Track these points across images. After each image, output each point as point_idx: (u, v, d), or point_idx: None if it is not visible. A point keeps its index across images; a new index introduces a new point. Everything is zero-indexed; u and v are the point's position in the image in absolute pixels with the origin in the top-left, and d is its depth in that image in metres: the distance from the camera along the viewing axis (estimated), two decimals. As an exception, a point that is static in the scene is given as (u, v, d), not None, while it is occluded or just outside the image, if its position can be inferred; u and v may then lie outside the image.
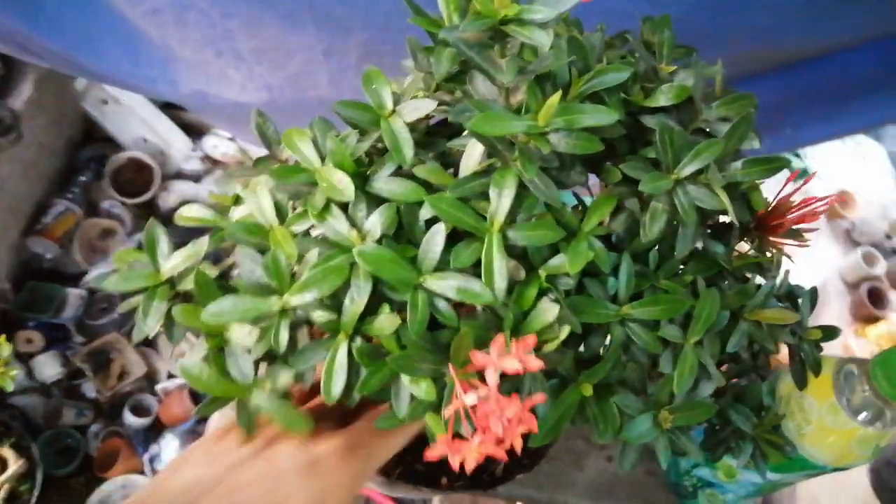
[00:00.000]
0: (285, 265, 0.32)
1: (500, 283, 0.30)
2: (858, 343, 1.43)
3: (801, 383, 0.45)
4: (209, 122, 1.65)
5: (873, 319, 1.47)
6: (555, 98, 0.29)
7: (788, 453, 0.44)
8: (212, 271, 0.34)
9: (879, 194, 1.79)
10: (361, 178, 0.33)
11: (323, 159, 0.34)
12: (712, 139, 0.32)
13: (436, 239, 0.31)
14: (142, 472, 1.37)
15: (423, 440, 0.52)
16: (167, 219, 1.73)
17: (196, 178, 1.64)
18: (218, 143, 1.63)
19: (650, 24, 0.42)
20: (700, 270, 0.38)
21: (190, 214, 0.37)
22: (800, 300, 0.45)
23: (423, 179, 0.33)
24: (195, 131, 1.66)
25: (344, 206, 0.32)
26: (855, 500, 1.44)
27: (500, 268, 0.31)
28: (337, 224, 0.32)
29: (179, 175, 1.63)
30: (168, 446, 1.37)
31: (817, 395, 0.46)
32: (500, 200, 0.31)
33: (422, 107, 0.33)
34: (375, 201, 0.33)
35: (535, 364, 0.29)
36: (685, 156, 0.32)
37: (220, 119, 1.30)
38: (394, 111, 0.34)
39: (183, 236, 0.34)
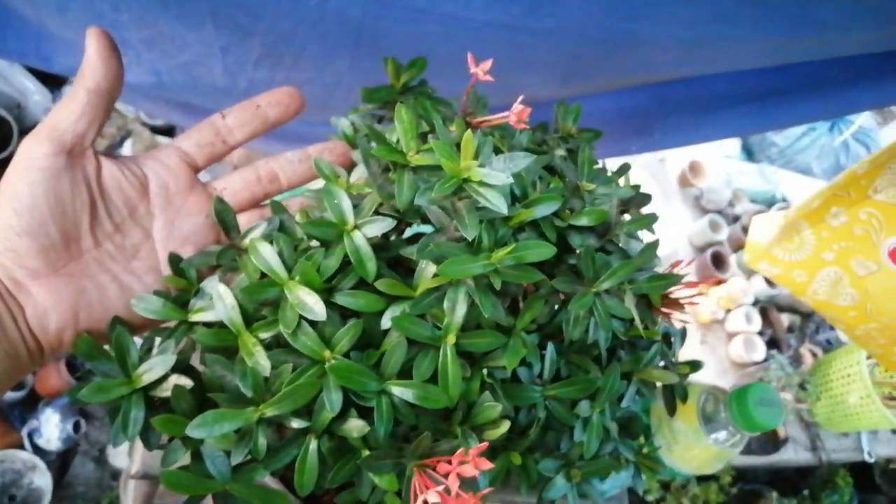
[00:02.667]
0: (260, 379, 0.35)
1: (455, 389, 0.36)
2: (703, 301, 1.64)
3: (672, 411, 0.55)
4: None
5: (716, 281, 1.68)
6: (507, 250, 0.34)
7: (660, 473, 0.54)
8: (186, 382, 0.36)
9: (726, 163, 2.00)
10: (326, 291, 0.37)
11: (289, 269, 0.37)
12: (626, 261, 0.38)
13: (397, 352, 0.36)
14: (22, 448, 1.32)
15: None
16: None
17: (59, 132, 1.52)
18: (83, 95, 1.51)
19: (563, 111, 0.48)
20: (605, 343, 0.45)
21: (148, 307, 0.39)
22: (672, 339, 0.55)
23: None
24: (54, 80, 1.52)
25: (313, 322, 0.36)
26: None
27: (455, 376, 0.36)
28: (308, 341, 0.35)
29: (40, 129, 1.49)
30: (48, 421, 1.32)
31: (684, 419, 0.56)
32: (454, 314, 0.36)
33: (381, 226, 0.37)
34: (339, 311, 0.37)
35: (487, 466, 0.35)
36: (603, 273, 0.38)
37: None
38: (355, 226, 0.37)
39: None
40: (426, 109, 0.44)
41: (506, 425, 0.38)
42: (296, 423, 0.35)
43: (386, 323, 0.37)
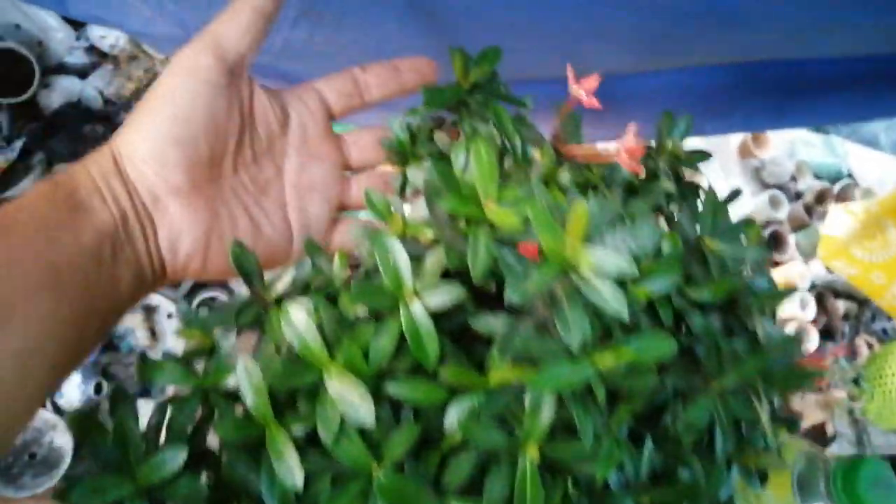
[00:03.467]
0: (291, 495, 0.28)
1: (535, 515, 0.28)
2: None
3: (764, 481, 0.47)
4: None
5: (773, 263, 1.58)
6: (613, 353, 0.25)
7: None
8: (201, 486, 0.29)
9: (791, 133, 1.86)
10: (376, 378, 0.29)
11: (329, 346, 0.29)
12: (757, 352, 0.30)
13: (463, 462, 0.28)
14: (42, 406, 1.30)
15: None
16: (50, 122, 1.51)
17: (82, 72, 1.43)
18: (106, 34, 1.42)
19: (668, 123, 0.38)
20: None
21: (161, 375, 0.31)
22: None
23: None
24: (72, 21, 1.43)
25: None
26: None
27: (535, 495, 0.28)
28: (353, 448, 0.28)
29: (62, 69, 1.41)
30: (69, 381, 1.29)
31: (776, 489, 0.48)
32: (538, 419, 0.28)
33: (449, 295, 0.29)
34: (388, 402, 0.29)
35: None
36: (728, 367, 0.30)
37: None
38: (415, 292, 0.29)
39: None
40: (504, 127, 0.35)
41: (593, 554, 0.30)
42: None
43: (450, 423, 0.29)
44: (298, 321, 0.29)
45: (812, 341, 1.51)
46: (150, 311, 1.37)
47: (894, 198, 0.93)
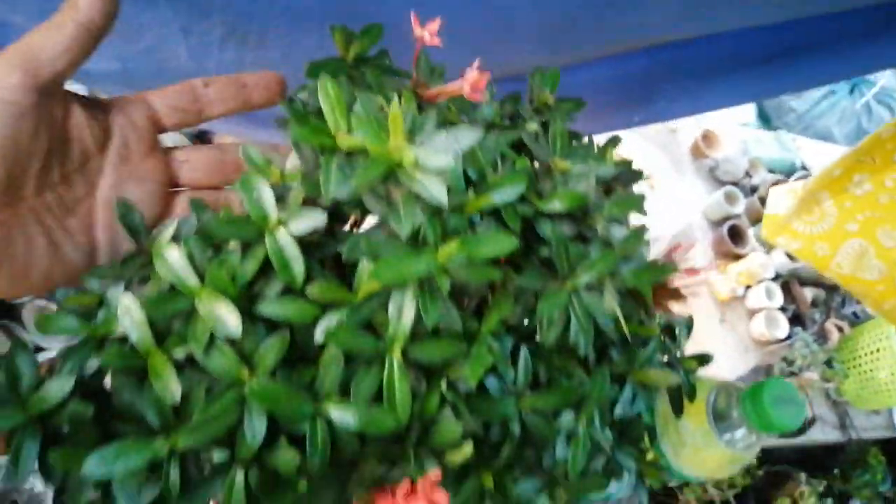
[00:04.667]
0: (170, 404, 0.29)
1: (404, 409, 0.30)
2: (720, 279, 1.56)
3: (678, 411, 0.49)
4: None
5: (734, 256, 1.61)
6: (453, 246, 0.28)
7: (665, 477, 0.48)
8: (86, 409, 0.31)
9: (741, 131, 1.91)
10: (247, 299, 0.31)
11: (201, 277, 0.31)
12: (606, 251, 0.32)
13: (333, 367, 0.30)
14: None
15: None
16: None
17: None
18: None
19: (539, 78, 0.41)
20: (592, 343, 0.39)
21: (55, 325, 0.33)
22: (677, 330, 0.48)
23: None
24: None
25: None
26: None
27: (403, 393, 0.30)
28: (223, 360, 0.30)
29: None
30: None
31: (692, 419, 0.50)
32: (400, 322, 0.30)
33: (311, 221, 0.31)
34: (264, 323, 0.31)
35: (442, 498, 0.29)
36: (579, 266, 0.32)
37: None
38: (279, 222, 0.31)
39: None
40: (375, 83, 0.38)
41: (469, 447, 0.32)
42: (217, 456, 0.30)
43: (320, 336, 0.31)
44: (172, 258, 0.31)
45: (782, 328, 1.53)
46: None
47: (828, 171, 0.96)
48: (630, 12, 0.67)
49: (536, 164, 0.35)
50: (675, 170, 1.66)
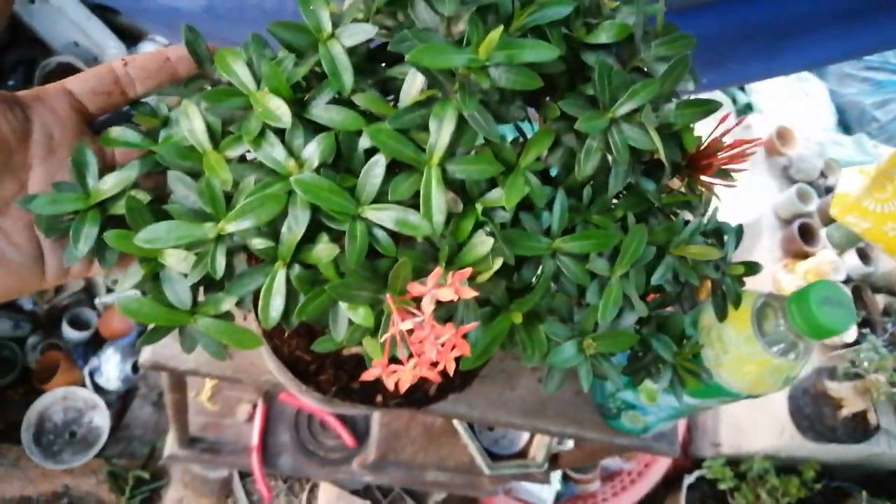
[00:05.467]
0: (220, 191, 0.31)
1: (438, 216, 0.31)
2: (787, 277, 1.51)
3: (722, 315, 0.48)
4: (145, 28, 1.56)
5: (803, 255, 1.55)
6: (496, 33, 0.29)
7: (705, 380, 0.47)
8: (144, 196, 0.33)
9: (818, 132, 1.85)
10: (298, 105, 0.33)
11: (258, 83, 0.33)
12: (648, 79, 0.33)
13: (375, 170, 0.32)
14: (82, 385, 1.37)
15: (357, 362, 0.54)
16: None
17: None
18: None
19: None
20: (631, 206, 0.39)
21: (116, 137, 0.36)
22: (725, 237, 0.48)
23: (363, 108, 0.33)
24: (130, 36, 1.57)
25: (280, 133, 0.32)
26: (773, 423, 1.56)
27: (439, 201, 0.31)
28: (273, 151, 0.31)
29: (114, 83, 1.55)
30: (109, 360, 1.36)
31: (736, 326, 0.49)
32: (440, 133, 0.31)
33: (362, 31, 0.33)
34: (313, 129, 0.33)
35: (469, 294, 0.30)
36: (622, 95, 0.33)
37: (157, 24, 1.23)
38: (332, 35, 0.33)
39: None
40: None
41: (498, 262, 0.33)
42: (259, 243, 0.32)
43: (365, 142, 0.32)
44: (234, 63, 0.33)
45: (850, 332, 1.46)
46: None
47: (905, 151, 0.92)
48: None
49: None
50: (748, 165, 1.61)
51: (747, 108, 1.99)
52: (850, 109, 2.26)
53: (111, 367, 1.35)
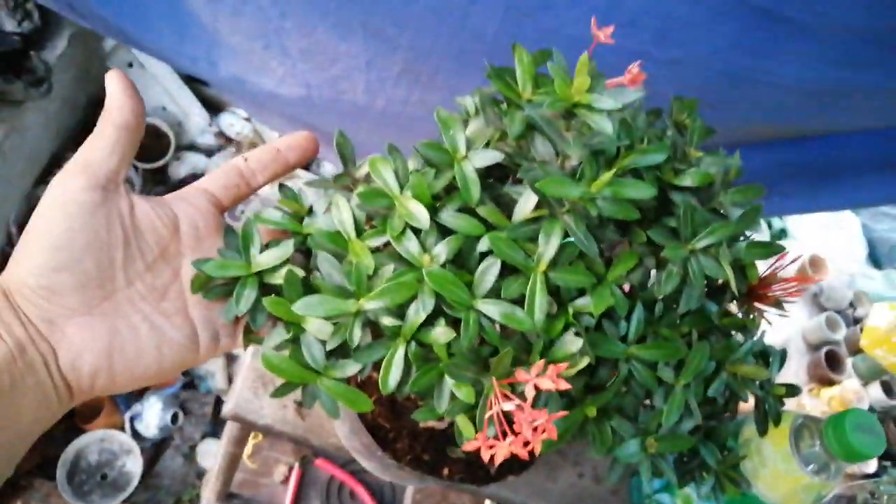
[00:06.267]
0: (365, 274, 0.38)
1: (540, 315, 0.37)
2: (812, 402, 1.53)
3: (763, 431, 0.52)
4: (231, 102, 1.69)
5: (828, 381, 1.57)
6: (608, 175, 0.35)
7: (744, 489, 0.51)
8: (299, 271, 0.40)
9: (849, 264, 1.90)
10: (432, 210, 0.39)
11: (401, 187, 0.40)
12: (726, 221, 0.39)
13: (491, 270, 0.38)
14: (121, 429, 1.41)
15: (430, 435, 0.59)
16: (174, 187, 1.77)
17: (209, 152, 1.69)
18: (234, 122, 1.68)
19: (678, 105, 0.49)
20: (695, 323, 0.45)
21: (268, 217, 0.43)
22: (770, 359, 0.53)
23: (483, 217, 0.39)
24: (213, 107, 1.71)
25: (416, 231, 0.39)
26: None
27: (541, 302, 0.37)
28: (411, 246, 0.38)
29: (193, 147, 1.67)
30: (151, 408, 1.41)
31: (775, 442, 0.53)
32: (548, 246, 0.38)
33: (490, 156, 0.40)
34: (442, 231, 0.39)
35: (564, 386, 0.36)
36: (701, 231, 0.39)
37: (248, 103, 1.34)
38: (466, 156, 0.40)
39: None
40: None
41: (585, 361, 0.38)
42: (388, 321, 0.38)
43: (483, 245, 0.39)
44: (384, 168, 0.40)
45: (870, 463, 1.46)
46: (230, 359, 1.49)
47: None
48: (755, 91, 0.74)
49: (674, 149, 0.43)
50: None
51: (782, 234, 2.05)
52: (881, 245, 2.31)
53: (152, 415, 1.39)
